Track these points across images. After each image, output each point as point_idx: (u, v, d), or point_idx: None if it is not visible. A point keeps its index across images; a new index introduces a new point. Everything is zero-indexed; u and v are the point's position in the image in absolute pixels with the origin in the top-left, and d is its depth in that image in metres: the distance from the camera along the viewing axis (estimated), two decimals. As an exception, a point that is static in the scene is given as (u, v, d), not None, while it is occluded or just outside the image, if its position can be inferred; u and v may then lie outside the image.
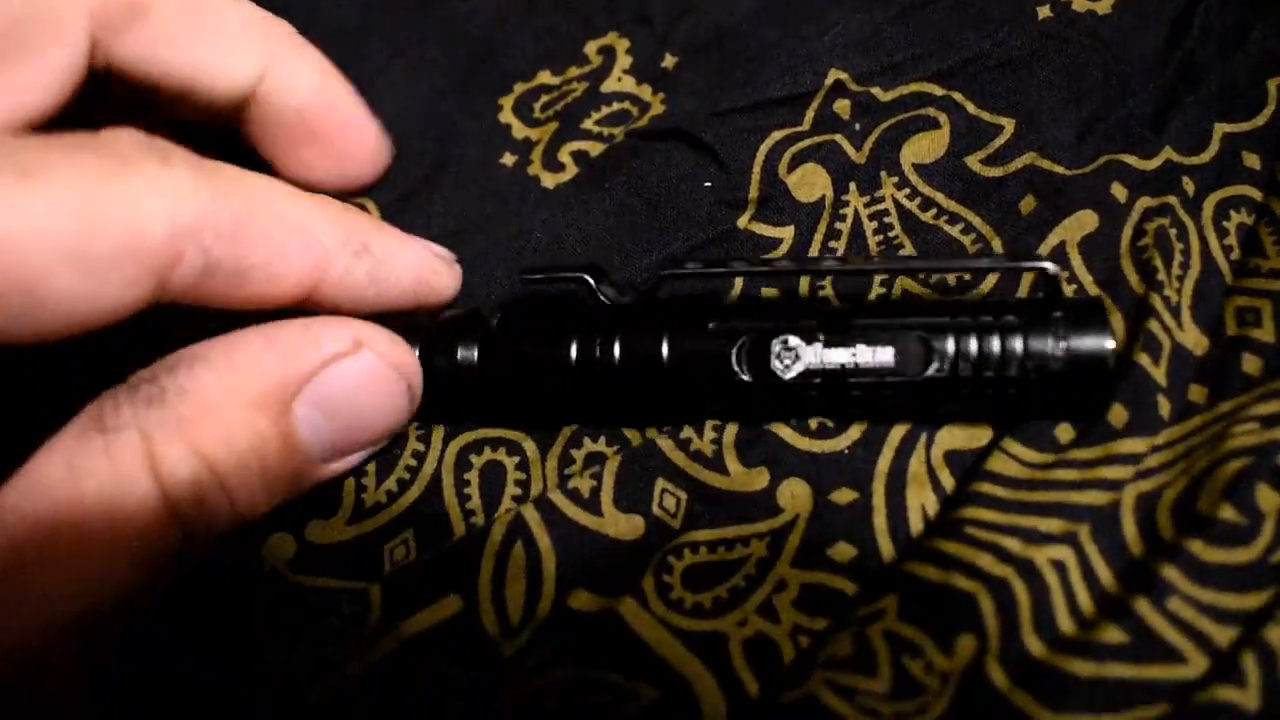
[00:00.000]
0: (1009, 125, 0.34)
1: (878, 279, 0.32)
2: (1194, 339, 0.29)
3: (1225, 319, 0.30)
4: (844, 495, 0.28)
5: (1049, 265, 0.27)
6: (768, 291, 0.32)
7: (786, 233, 0.33)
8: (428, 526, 0.28)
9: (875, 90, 0.35)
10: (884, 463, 0.28)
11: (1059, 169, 0.32)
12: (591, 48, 0.39)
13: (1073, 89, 0.34)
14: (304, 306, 0.25)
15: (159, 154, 0.22)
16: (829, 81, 0.35)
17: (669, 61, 0.38)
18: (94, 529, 0.21)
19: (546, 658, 0.25)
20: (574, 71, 0.39)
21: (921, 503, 0.28)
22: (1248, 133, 0.33)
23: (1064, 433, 0.28)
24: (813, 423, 0.29)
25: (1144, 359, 0.28)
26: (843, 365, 0.27)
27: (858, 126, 0.34)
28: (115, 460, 0.22)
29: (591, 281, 0.28)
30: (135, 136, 0.23)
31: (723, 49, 0.37)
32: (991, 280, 0.31)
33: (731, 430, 0.29)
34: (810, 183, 0.33)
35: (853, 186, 0.33)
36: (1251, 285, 0.30)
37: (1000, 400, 0.27)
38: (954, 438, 0.28)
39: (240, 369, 0.24)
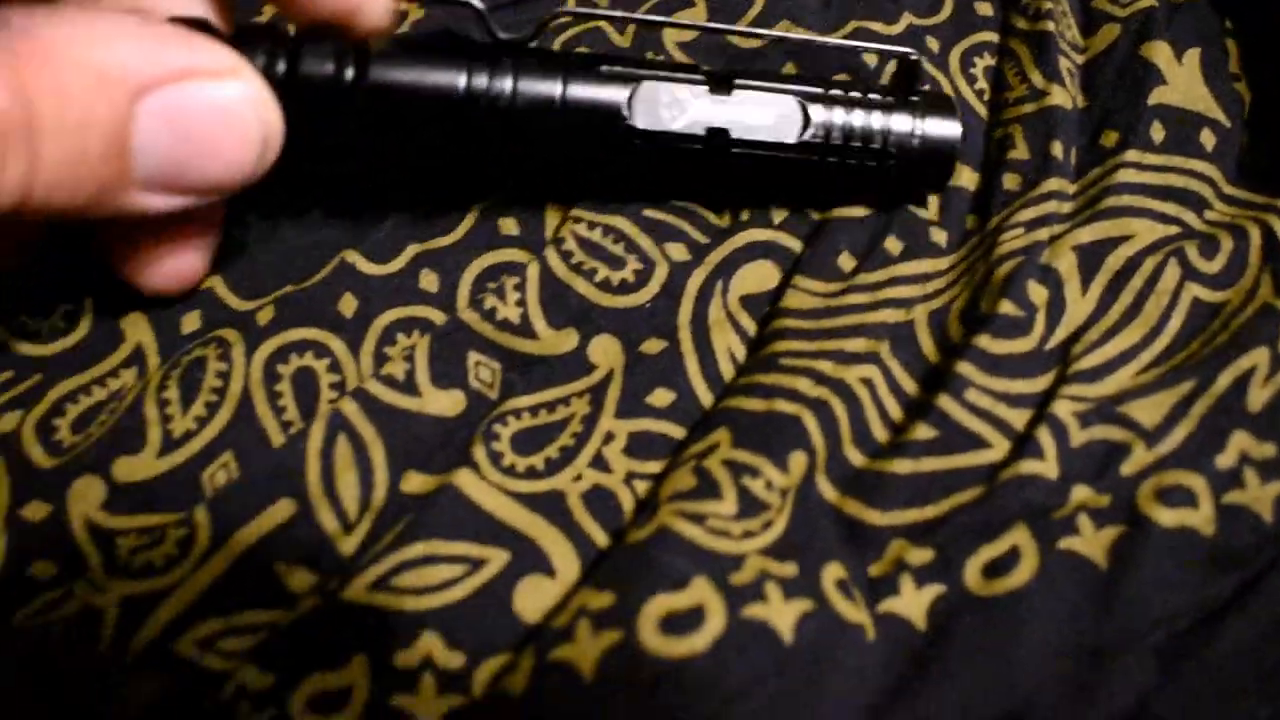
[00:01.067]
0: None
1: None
2: (966, 177, 0.32)
3: (988, 152, 0.32)
4: (653, 345, 0.29)
5: (910, 51, 0.30)
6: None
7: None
8: (246, 444, 0.27)
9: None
10: (685, 314, 0.30)
11: (813, 35, 0.34)
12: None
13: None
14: None
15: None
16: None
17: None
18: None
19: (391, 543, 0.26)
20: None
21: (728, 345, 0.29)
22: (975, -16, 0.36)
23: (846, 262, 0.30)
24: (614, 278, 0.30)
25: (911, 205, 0.31)
26: (727, 121, 0.28)
27: (617, 9, 0.35)
28: None
29: (482, 8, 0.28)
30: None
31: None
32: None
33: (534, 292, 0.29)
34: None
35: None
36: (1004, 116, 0.33)
37: (859, 173, 0.29)
38: (745, 282, 0.30)
39: (99, 37, 0.21)
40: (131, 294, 0.29)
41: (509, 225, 0.31)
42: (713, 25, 0.31)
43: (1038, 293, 0.28)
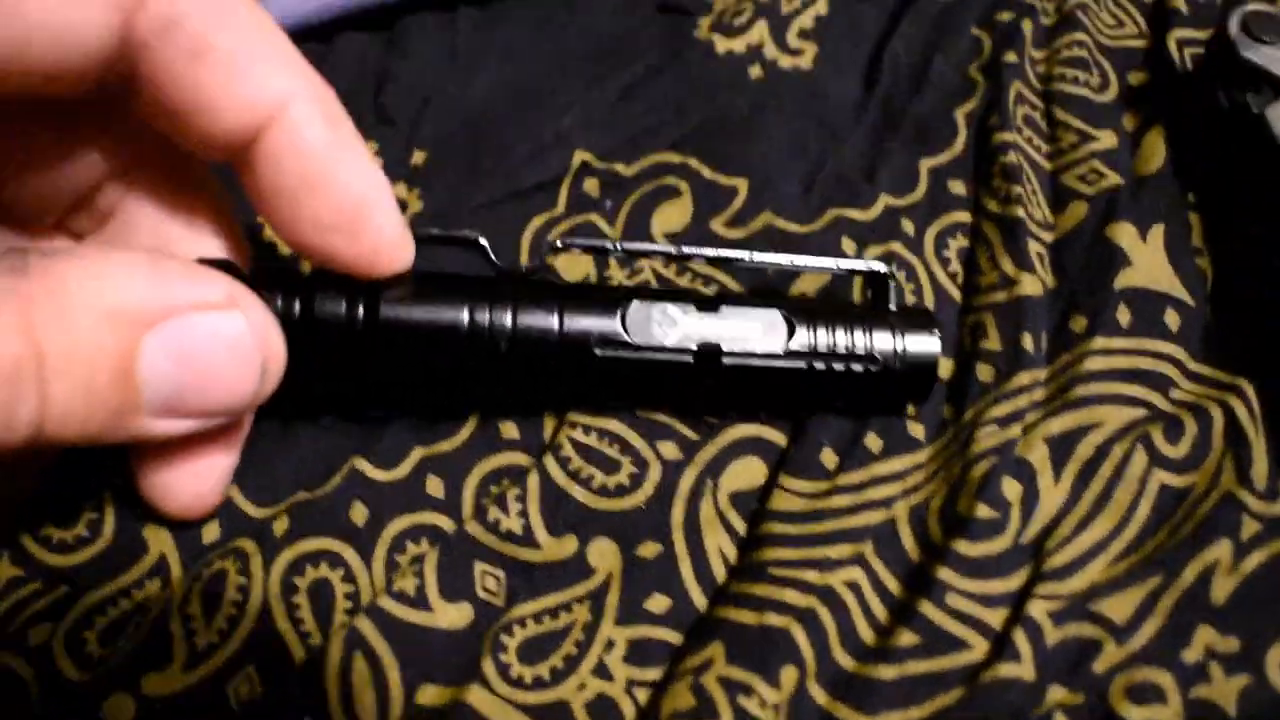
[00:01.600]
0: (742, 186, 0.38)
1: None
2: (943, 367, 0.34)
3: (962, 339, 0.34)
4: (649, 549, 0.31)
5: (880, 266, 0.32)
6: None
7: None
8: (267, 658, 0.29)
9: (619, 166, 0.38)
10: (678, 514, 0.31)
11: (793, 226, 0.36)
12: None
13: (792, 143, 0.39)
14: (237, 156, 0.25)
15: None
16: (575, 163, 0.38)
17: (418, 158, 0.40)
18: None
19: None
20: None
21: (719, 545, 0.31)
22: (948, 163, 0.38)
23: (828, 458, 0.32)
24: (610, 483, 0.31)
25: None
26: (717, 336, 0.30)
27: (609, 204, 0.38)
28: None
29: (484, 243, 0.31)
30: None
31: (468, 138, 0.39)
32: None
33: (535, 503, 0.31)
34: (575, 265, 0.36)
35: (613, 263, 0.36)
36: (976, 302, 0.35)
37: (843, 385, 0.31)
38: (735, 480, 0.32)
39: (108, 276, 0.23)
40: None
41: (509, 429, 0.33)
42: (691, 251, 0.32)
43: (1012, 488, 0.30)
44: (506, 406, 0.33)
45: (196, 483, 0.30)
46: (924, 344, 0.31)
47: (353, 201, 0.27)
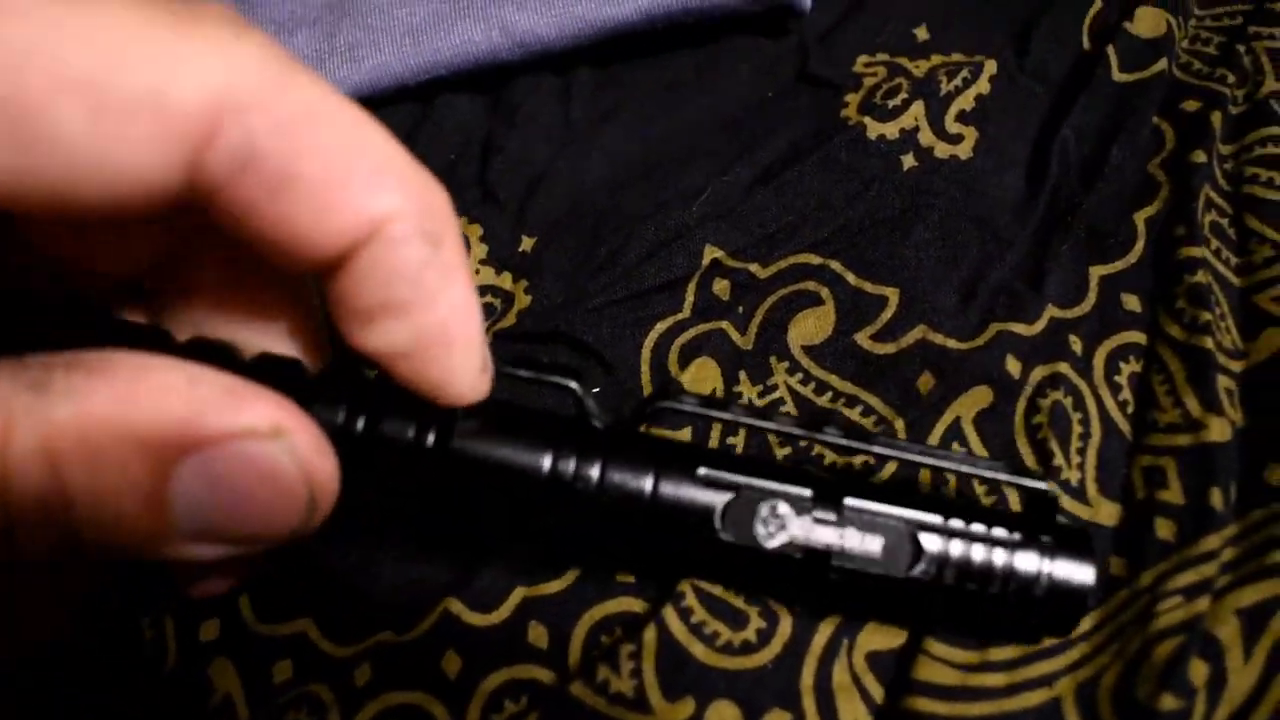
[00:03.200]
0: (893, 296, 0.34)
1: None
2: (1106, 512, 0.30)
3: (1134, 481, 0.31)
4: (777, 717, 0.28)
5: (1048, 487, 0.27)
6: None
7: (684, 435, 0.33)
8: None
9: (753, 266, 0.35)
10: (808, 676, 0.28)
11: (951, 342, 0.33)
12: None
13: (948, 245, 0.36)
14: (332, 281, 0.24)
15: (236, 25, 0.21)
16: (705, 261, 0.36)
17: (526, 244, 0.37)
18: None
19: None
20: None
21: (854, 717, 0.28)
22: (1123, 272, 0.35)
23: (981, 627, 0.29)
24: (735, 639, 0.29)
25: None
26: (828, 546, 0.26)
27: (740, 309, 0.35)
28: None
29: (579, 390, 0.28)
30: (224, 10, 0.21)
31: (582, 223, 0.37)
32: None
33: (650, 662, 0.28)
34: (702, 377, 0.34)
35: (743, 376, 0.33)
36: (1153, 443, 0.31)
37: (973, 611, 0.27)
38: (872, 639, 0.29)
39: (141, 400, 0.21)
40: (218, 635, 0.29)
41: (623, 572, 0.30)
42: (803, 433, 0.28)
43: (1198, 670, 0.27)
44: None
45: (221, 577, 0.28)
46: (1076, 573, 0.27)
47: (431, 335, 0.25)
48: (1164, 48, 0.40)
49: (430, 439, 0.26)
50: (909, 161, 0.38)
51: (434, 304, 0.24)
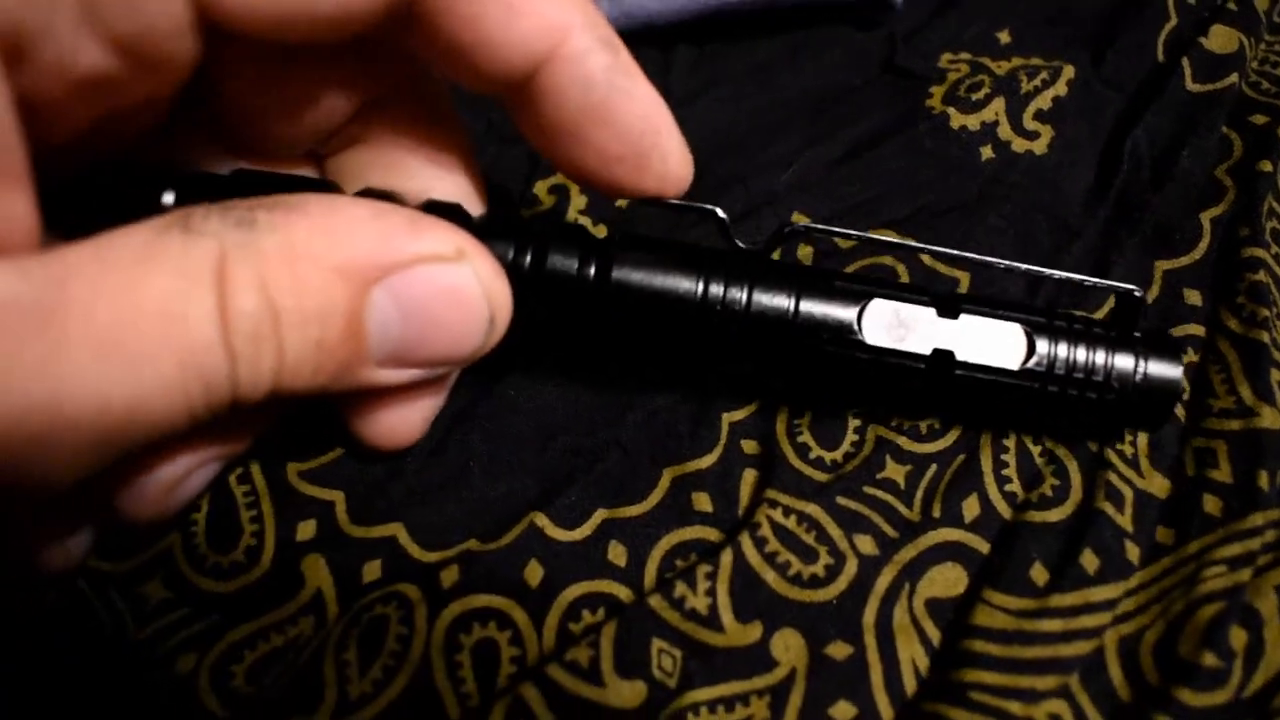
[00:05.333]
0: (964, 279, 0.37)
1: None
2: (1158, 484, 0.32)
3: (1185, 460, 0.33)
4: (839, 649, 0.30)
5: (1134, 289, 0.31)
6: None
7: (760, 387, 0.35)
8: (423, 715, 0.28)
9: (836, 237, 0.38)
10: (870, 614, 0.30)
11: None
12: (542, 188, 0.41)
13: (1019, 235, 0.38)
14: (514, 90, 0.26)
15: None
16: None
17: (622, 201, 0.39)
18: (146, 319, 0.21)
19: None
20: (525, 214, 0.40)
21: (911, 656, 0.30)
22: (1187, 267, 0.37)
23: (1038, 575, 0.30)
24: (805, 572, 0.31)
25: (1108, 507, 0.31)
26: (952, 344, 0.30)
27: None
28: (188, 261, 0.21)
29: (723, 217, 0.31)
30: None
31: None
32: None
33: (725, 583, 0.30)
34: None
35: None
36: (1207, 426, 0.33)
37: (1077, 406, 0.30)
38: (933, 586, 0.31)
39: (336, 230, 0.24)
40: (314, 535, 0.31)
41: (702, 501, 0.32)
42: (939, 249, 0.32)
43: (1238, 637, 0.29)
44: (699, 473, 0.33)
45: (404, 420, 0.30)
46: (1166, 370, 0.30)
47: (638, 130, 0.27)
48: (1236, 64, 0.42)
49: (592, 271, 0.29)
50: (987, 153, 0.40)
51: (632, 101, 0.27)
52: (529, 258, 0.29)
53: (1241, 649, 0.29)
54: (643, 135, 0.27)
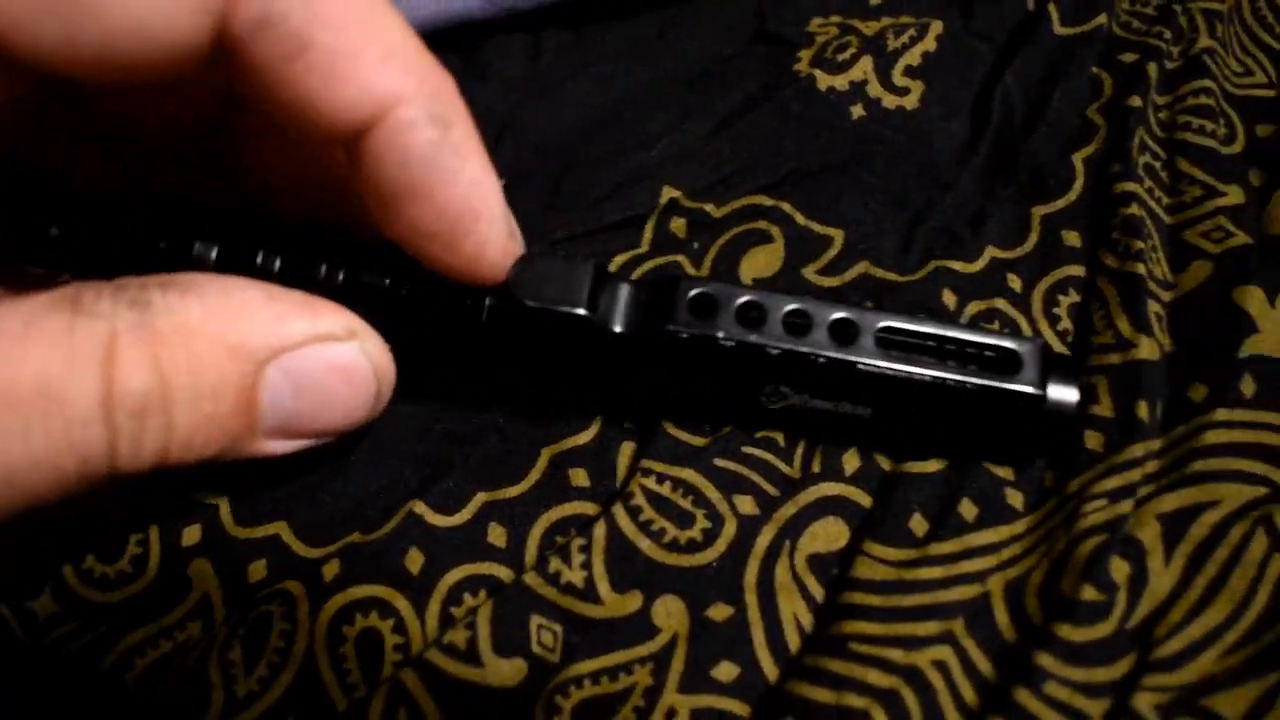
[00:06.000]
0: (838, 236, 0.37)
1: None
2: (1039, 430, 0.33)
3: (1068, 402, 0.33)
4: (719, 611, 0.30)
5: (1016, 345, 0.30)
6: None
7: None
8: (309, 709, 0.29)
9: (708, 206, 0.38)
10: (751, 575, 0.30)
11: (891, 275, 0.36)
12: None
13: (892, 191, 0.38)
14: (350, 155, 0.26)
15: None
16: (663, 200, 0.38)
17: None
18: (21, 397, 0.21)
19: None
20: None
21: (794, 612, 0.30)
22: (1063, 210, 0.37)
23: (918, 525, 0.31)
24: (682, 537, 0.31)
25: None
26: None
27: (696, 245, 0.37)
28: (74, 340, 0.22)
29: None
30: None
31: (546, 169, 0.39)
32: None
33: (600, 555, 0.30)
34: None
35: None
36: (1088, 363, 0.33)
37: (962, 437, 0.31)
38: (814, 541, 0.31)
39: (230, 313, 0.24)
40: (199, 540, 0.31)
41: (579, 476, 0.32)
42: (807, 351, 0.30)
43: (1119, 569, 0.29)
44: (577, 450, 0.33)
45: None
46: (1063, 393, 0.30)
47: (454, 212, 0.27)
48: (1103, 4, 0.42)
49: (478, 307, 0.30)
50: (857, 111, 0.40)
51: (452, 183, 0.27)
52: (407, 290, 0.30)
53: (1124, 580, 0.29)
54: (459, 218, 0.27)
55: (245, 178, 0.32)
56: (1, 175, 0.29)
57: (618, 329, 0.30)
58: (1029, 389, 0.29)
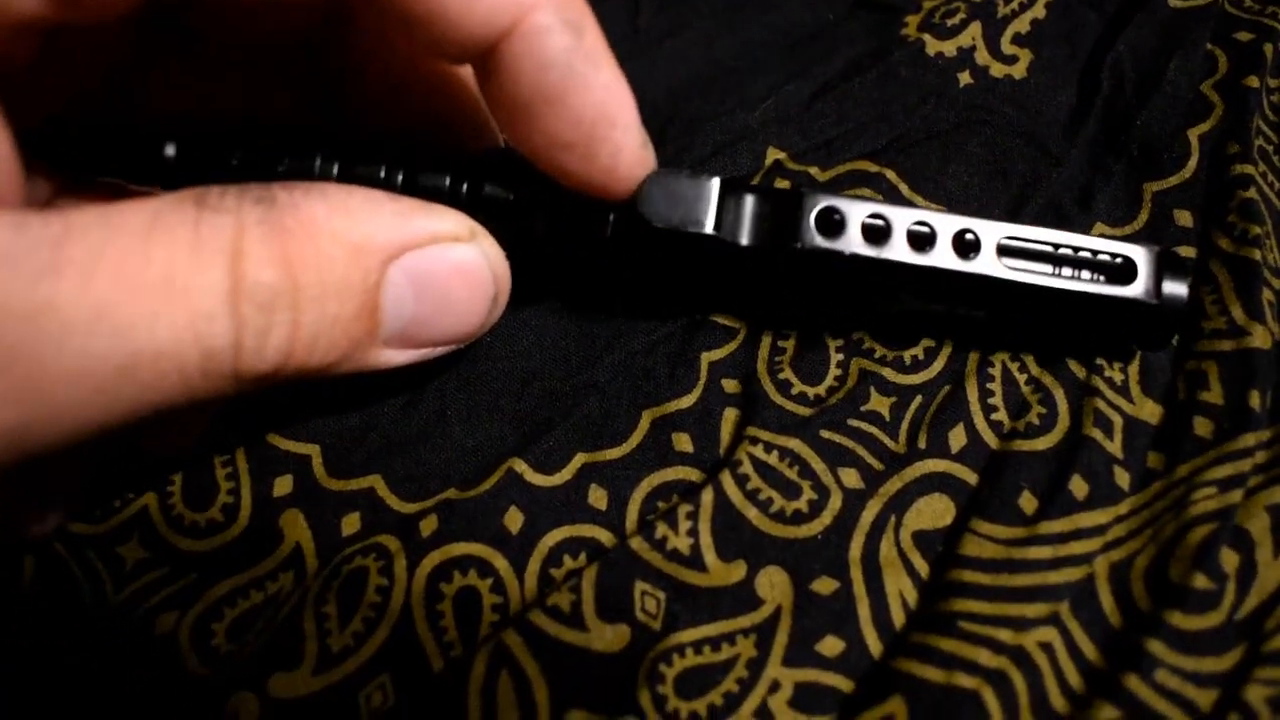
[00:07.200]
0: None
1: None
2: (1149, 410, 0.32)
3: (1177, 385, 0.33)
4: (824, 585, 0.30)
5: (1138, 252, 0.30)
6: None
7: (741, 324, 0.35)
8: (404, 666, 0.28)
9: (813, 170, 0.37)
10: (856, 549, 0.30)
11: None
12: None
13: (998, 163, 0.37)
14: (485, 65, 0.26)
15: None
16: (768, 162, 0.38)
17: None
18: (147, 288, 0.21)
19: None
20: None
21: (899, 589, 0.30)
22: (1176, 187, 0.36)
23: (1027, 503, 0.30)
24: (788, 508, 0.31)
25: (1096, 433, 0.31)
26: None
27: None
28: (200, 234, 0.22)
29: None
30: None
31: (646, 125, 0.39)
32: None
33: (707, 522, 0.30)
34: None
35: (800, 272, 0.35)
36: (1198, 348, 0.33)
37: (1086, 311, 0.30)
38: (920, 518, 0.31)
39: (354, 210, 0.24)
40: (291, 490, 0.31)
41: (682, 441, 0.32)
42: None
43: (1229, 559, 0.29)
44: (679, 414, 0.33)
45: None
46: (1176, 288, 0.30)
47: (590, 119, 0.27)
48: (1216, -22, 0.41)
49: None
50: (965, 79, 0.39)
51: (588, 88, 0.26)
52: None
53: (1233, 571, 0.29)
54: (595, 125, 0.27)
55: (348, 100, 0.32)
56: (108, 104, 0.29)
57: (744, 242, 0.30)
58: (1144, 297, 0.30)
